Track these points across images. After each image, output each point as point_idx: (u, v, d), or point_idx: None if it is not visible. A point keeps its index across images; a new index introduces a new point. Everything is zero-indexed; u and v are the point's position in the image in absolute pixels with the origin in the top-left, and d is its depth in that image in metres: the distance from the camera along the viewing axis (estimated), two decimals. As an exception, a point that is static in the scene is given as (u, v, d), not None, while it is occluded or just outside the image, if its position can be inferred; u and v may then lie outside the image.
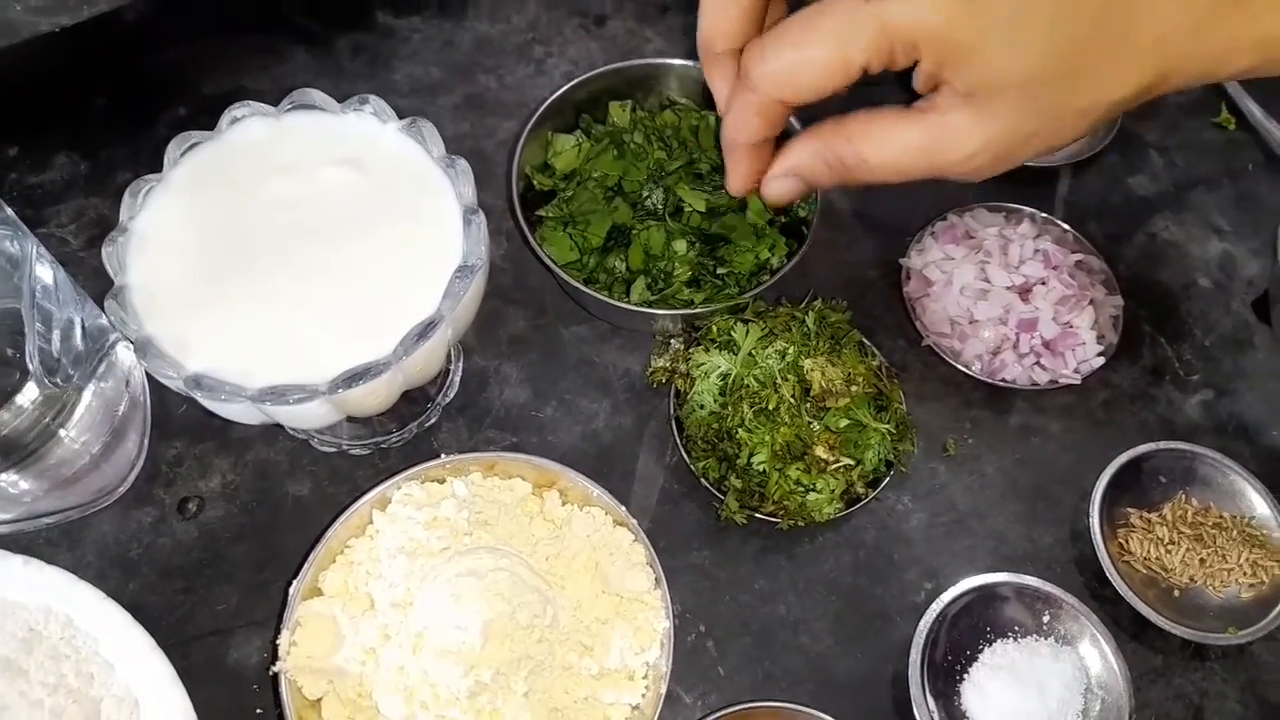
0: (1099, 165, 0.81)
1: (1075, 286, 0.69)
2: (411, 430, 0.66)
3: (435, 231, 0.55)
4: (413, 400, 0.67)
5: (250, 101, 0.58)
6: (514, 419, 0.68)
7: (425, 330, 0.51)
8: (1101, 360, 0.69)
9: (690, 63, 0.73)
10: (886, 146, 0.49)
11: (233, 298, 0.52)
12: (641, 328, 0.69)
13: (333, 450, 0.65)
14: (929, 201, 0.77)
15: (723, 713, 0.58)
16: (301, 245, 0.54)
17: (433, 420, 0.66)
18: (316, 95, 0.58)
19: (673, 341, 0.67)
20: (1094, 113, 0.46)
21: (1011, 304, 0.68)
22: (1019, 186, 0.79)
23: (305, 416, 0.52)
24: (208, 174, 0.56)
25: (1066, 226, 0.74)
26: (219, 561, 0.62)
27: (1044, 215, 0.75)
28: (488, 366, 0.70)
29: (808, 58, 0.46)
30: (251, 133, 0.57)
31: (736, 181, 0.52)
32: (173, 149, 0.56)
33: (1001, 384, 0.68)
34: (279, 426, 0.66)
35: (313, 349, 0.52)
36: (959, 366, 0.68)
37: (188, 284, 0.53)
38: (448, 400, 0.67)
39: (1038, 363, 0.68)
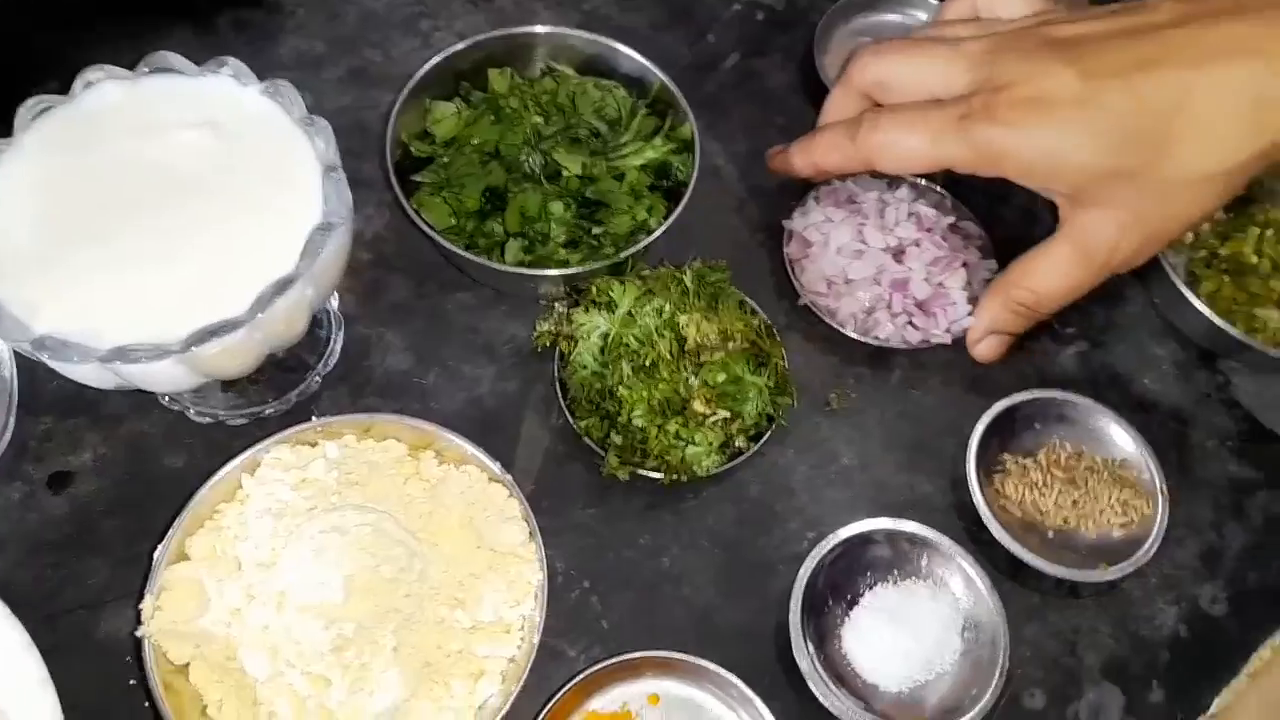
0: (978, 128, 0.83)
1: (947, 248, 0.71)
2: (290, 399, 0.65)
3: (295, 191, 0.54)
4: (291, 369, 0.66)
5: (105, 65, 0.57)
6: (396, 386, 0.67)
7: (281, 287, 0.51)
8: (970, 320, 0.70)
9: (571, 30, 0.73)
10: (1049, 274, 0.61)
11: (83, 260, 0.51)
12: (525, 293, 0.70)
13: (209, 421, 0.64)
14: (815, 167, 0.79)
15: (607, 663, 0.58)
16: (157, 207, 0.53)
17: (313, 389, 0.66)
18: (174, 58, 0.57)
19: (557, 305, 0.67)
20: (1204, 184, 0.53)
21: (885, 264, 0.70)
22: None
23: (161, 379, 0.52)
24: (59, 138, 0.55)
25: (944, 193, 0.76)
26: (90, 535, 0.61)
27: (925, 182, 0.76)
28: (370, 334, 0.69)
29: (908, 145, 0.59)
30: (106, 96, 0.56)
31: (786, 165, 0.70)
32: (23, 113, 0.55)
33: (874, 342, 0.69)
34: (153, 400, 0.65)
35: (166, 310, 0.51)
36: (834, 325, 0.69)
37: (36, 247, 0.52)
38: (328, 369, 0.67)
39: (910, 322, 0.70)
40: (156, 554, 0.54)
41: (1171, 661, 0.64)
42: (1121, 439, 0.68)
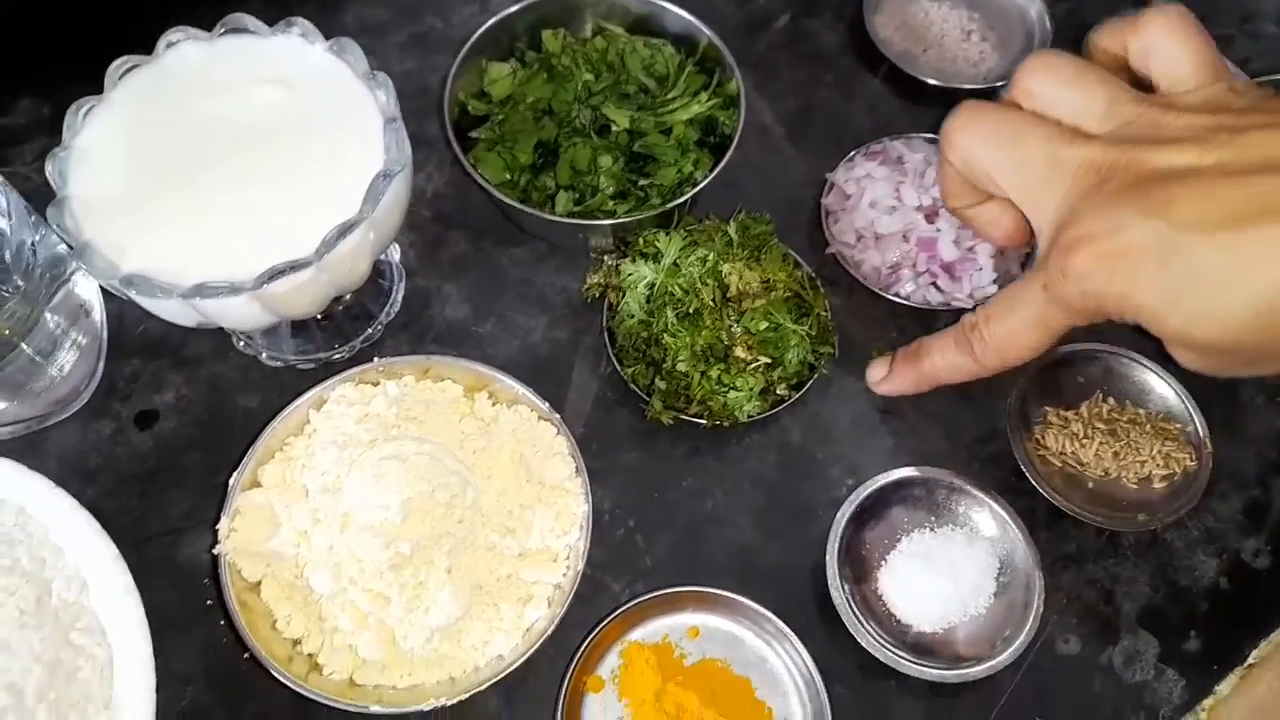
0: (1030, 86, 0.82)
1: None
2: (355, 345, 0.69)
3: (359, 142, 0.58)
4: (356, 317, 0.70)
5: (185, 26, 0.61)
6: (454, 334, 0.71)
7: (345, 230, 0.54)
8: (995, 289, 0.70)
9: (621, -9, 0.76)
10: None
11: (166, 206, 0.56)
12: (576, 246, 0.72)
13: (280, 365, 0.69)
14: (865, 128, 0.80)
15: (648, 596, 0.61)
16: (232, 157, 0.57)
17: (376, 336, 0.70)
18: (248, 19, 0.61)
19: (606, 258, 0.70)
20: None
21: (916, 222, 0.70)
22: (949, 110, 0.81)
23: (237, 315, 0.56)
24: (144, 94, 0.59)
25: None
26: (172, 468, 0.66)
27: None
28: (429, 287, 0.73)
29: (1021, 342, 0.54)
30: (186, 55, 0.60)
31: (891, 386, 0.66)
32: (112, 71, 0.59)
33: (894, 299, 0.70)
34: (230, 345, 0.70)
35: (241, 251, 0.55)
36: (858, 277, 0.70)
37: (124, 194, 0.56)
38: (390, 318, 0.71)
39: (934, 283, 0.70)
40: (231, 481, 0.58)
41: (1210, 611, 0.64)
42: (1165, 392, 0.69)
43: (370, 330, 0.70)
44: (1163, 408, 0.68)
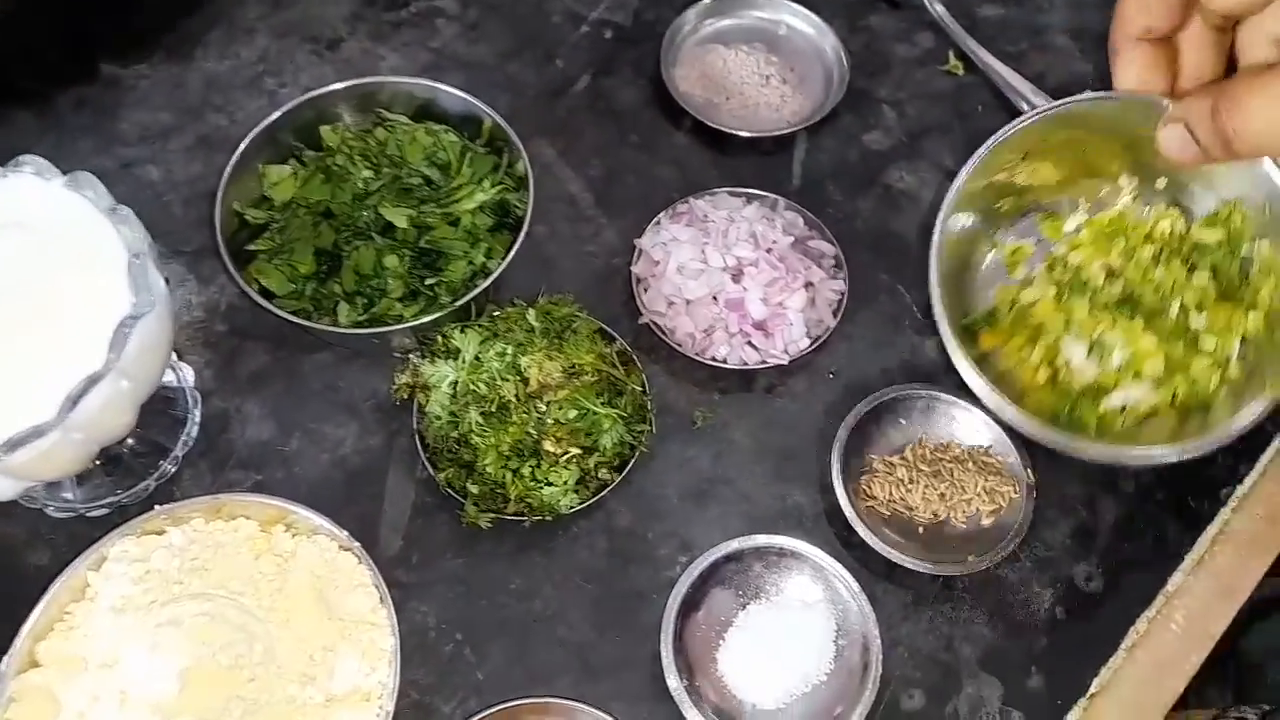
0: (833, 126, 0.83)
1: (783, 269, 0.70)
2: (150, 485, 0.65)
3: (103, 283, 0.54)
4: (148, 453, 0.66)
5: (-97, 177, 0.56)
6: (258, 457, 0.67)
7: (89, 384, 0.50)
8: (808, 343, 0.70)
9: (403, 79, 0.73)
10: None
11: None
12: (377, 349, 0.69)
13: (70, 515, 0.64)
14: (674, 185, 0.79)
15: (477, 717, 0.58)
16: (-37, 315, 0.53)
17: (169, 472, 0.66)
18: (-28, 162, 0.57)
19: (411, 357, 0.67)
20: None
21: (723, 284, 0.69)
22: (756, 156, 0.81)
23: (-17, 490, 0.52)
24: None
25: (800, 209, 0.75)
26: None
27: (784, 199, 0.76)
28: (228, 407, 0.69)
29: None
30: (-93, 207, 0.56)
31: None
32: None
33: (711, 363, 0.69)
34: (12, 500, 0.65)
35: (-24, 421, 0.50)
36: (673, 345, 0.69)
37: None
38: (188, 448, 0.67)
39: (749, 342, 0.70)
40: (3, 666, 0.54)
41: (1049, 645, 0.64)
42: (985, 427, 0.69)
43: (164, 465, 0.66)
44: (984, 442, 0.69)
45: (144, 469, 0.65)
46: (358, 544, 0.58)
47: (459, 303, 0.63)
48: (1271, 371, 0.62)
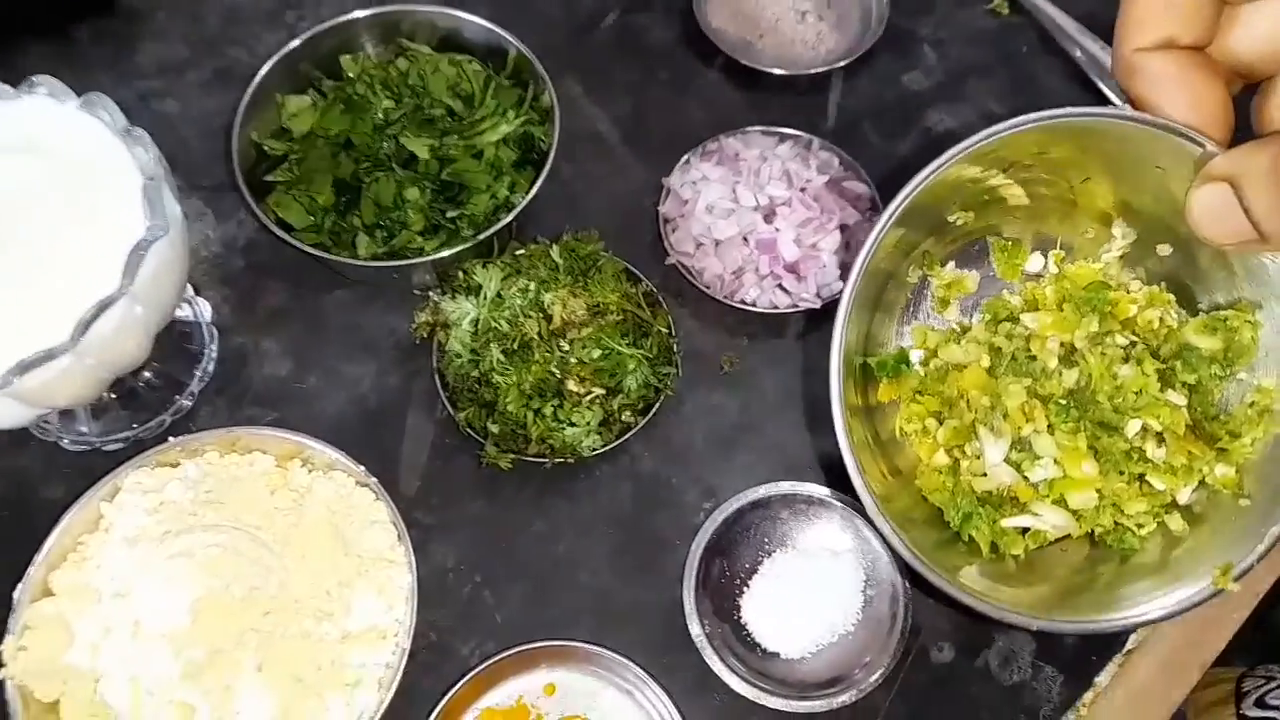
0: (871, 66, 0.79)
1: (818, 209, 0.68)
2: (165, 420, 0.64)
3: (117, 207, 0.53)
4: (164, 388, 0.65)
5: (-85, 95, 0.55)
6: (275, 394, 0.66)
7: (102, 308, 0.49)
8: (841, 284, 0.67)
9: (426, 7, 0.70)
10: None
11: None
12: (397, 285, 0.68)
13: (85, 449, 0.63)
14: (705, 124, 0.76)
15: (498, 658, 0.57)
16: (-23, 236, 0.52)
17: (185, 408, 0.64)
18: (-15, 82, 0.55)
19: (431, 294, 0.65)
20: None
21: (754, 224, 0.67)
22: (791, 96, 0.78)
23: (-4, 415, 0.50)
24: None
25: (835, 149, 0.72)
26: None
27: (818, 139, 0.73)
28: (246, 344, 0.67)
29: None
30: (-81, 127, 0.54)
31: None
32: None
33: (741, 306, 0.66)
34: (27, 432, 0.64)
35: (-11, 343, 0.49)
36: (701, 287, 0.67)
37: None
38: (204, 384, 0.65)
39: (780, 285, 0.67)
40: (16, 594, 0.53)
41: (1085, 599, 0.62)
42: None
43: (180, 400, 0.64)
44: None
45: (160, 403, 0.64)
46: (374, 479, 0.57)
47: (481, 236, 0.61)
48: (1220, 549, 0.46)
